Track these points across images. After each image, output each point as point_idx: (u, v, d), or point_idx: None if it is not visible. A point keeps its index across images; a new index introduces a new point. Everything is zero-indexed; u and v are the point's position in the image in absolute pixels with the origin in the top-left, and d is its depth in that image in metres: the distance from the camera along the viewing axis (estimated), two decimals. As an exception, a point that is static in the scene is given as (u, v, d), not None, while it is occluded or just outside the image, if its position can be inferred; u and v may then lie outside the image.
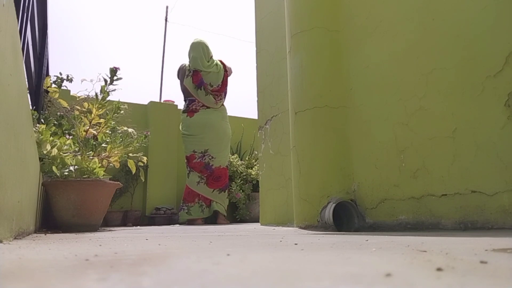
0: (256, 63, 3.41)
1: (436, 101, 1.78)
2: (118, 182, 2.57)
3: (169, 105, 5.56)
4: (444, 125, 1.73)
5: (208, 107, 4.58)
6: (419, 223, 1.78)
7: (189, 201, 4.35)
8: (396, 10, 2.05)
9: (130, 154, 2.92)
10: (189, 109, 4.59)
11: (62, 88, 3.83)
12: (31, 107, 2.56)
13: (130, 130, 3.66)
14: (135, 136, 3.28)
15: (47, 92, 3.39)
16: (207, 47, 4.63)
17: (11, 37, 1.16)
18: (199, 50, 4.55)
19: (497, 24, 1.59)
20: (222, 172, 4.54)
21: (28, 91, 2.27)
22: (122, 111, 3.08)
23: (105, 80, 2.77)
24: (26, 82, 1.97)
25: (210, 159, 4.50)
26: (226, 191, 4.55)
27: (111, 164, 2.75)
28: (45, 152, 2.23)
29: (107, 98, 2.78)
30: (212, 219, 4.39)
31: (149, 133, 4.50)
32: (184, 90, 4.64)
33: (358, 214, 2.04)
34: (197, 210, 4.32)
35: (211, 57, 4.66)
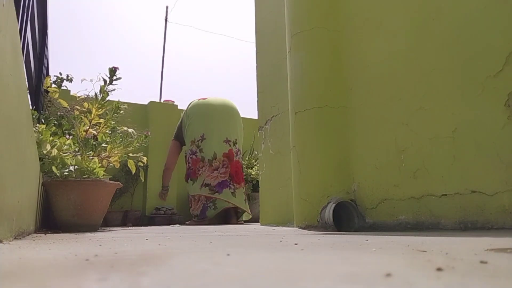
0: (256, 63, 3.41)
1: (436, 101, 1.78)
2: (118, 182, 2.57)
3: (169, 105, 5.56)
4: (444, 125, 1.73)
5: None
6: (419, 223, 1.78)
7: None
8: (396, 10, 2.05)
9: (130, 154, 2.92)
10: (198, 98, 4.41)
11: (62, 88, 3.83)
12: (31, 107, 2.56)
13: (130, 130, 3.67)
14: (135, 136, 3.28)
15: (47, 92, 3.39)
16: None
17: (11, 37, 1.16)
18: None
19: (497, 24, 1.59)
20: None
21: (28, 91, 2.27)
22: (122, 111, 3.08)
23: (104, 80, 2.77)
24: (26, 82, 1.97)
25: (241, 155, 4.31)
26: None
27: (111, 164, 2.75)
28: (45, 152, 2.23)
29: (107, 98, 2.78)
30: (225, 219, 4.28)
31: (149, 133, 4.49)
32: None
33: (358, 214, 2.04)
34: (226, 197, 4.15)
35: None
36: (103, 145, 2.70)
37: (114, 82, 2.78)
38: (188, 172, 4.33)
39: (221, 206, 4.10)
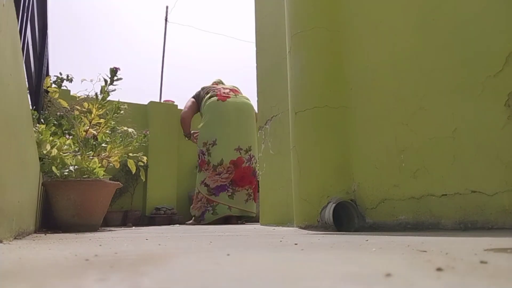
0: (256, 63, 3.41)
1: (436, 101, 1.78)
2: (118, 182, 2.57)
3: (169, 105, 5.57)
4: (444, 125, 1.73)
5: (237, 94, 4.39)
6: (419, 223, 1.78)
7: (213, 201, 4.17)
8: (396, 10, 2.05)
9: (130, 154, 2.92)
10: (219, 93, 4.27)
11: (62, 88, 3.83)
12: (31, 107, 2.56)
13: (130, 130, 3.67)
14: (135, 136, 3.28)
15: (47, 92, 3.39)
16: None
17: (11, 37, 1.16)
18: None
19: (497, 24, 1.59)
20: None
21: (28, 91, 2.27)
22: (122, 111, 3.07)
23: (105, 81, 2.77)
24: (26, 82, 1.97)
25: (255, 163, 4.12)
26: None
27: (111, 164, 2.75)
28: (45, 152, 2.23)
29: (107, 98, 2.78)
30: (225, 219, 4.28)
31: (148, 132, 4.49)
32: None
33: (358, 214, 2.04)
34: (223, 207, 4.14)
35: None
36: (103, 145, 2.70)
37: (114, 83, 2.78)
38: (199, 162, 4.34)
39: (222, 213, 4.11)
